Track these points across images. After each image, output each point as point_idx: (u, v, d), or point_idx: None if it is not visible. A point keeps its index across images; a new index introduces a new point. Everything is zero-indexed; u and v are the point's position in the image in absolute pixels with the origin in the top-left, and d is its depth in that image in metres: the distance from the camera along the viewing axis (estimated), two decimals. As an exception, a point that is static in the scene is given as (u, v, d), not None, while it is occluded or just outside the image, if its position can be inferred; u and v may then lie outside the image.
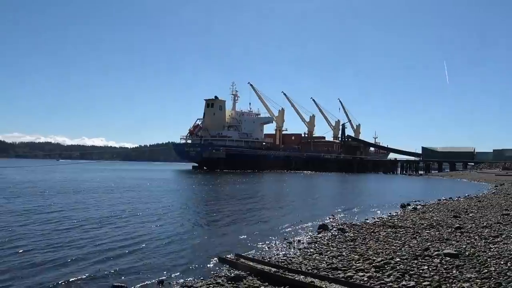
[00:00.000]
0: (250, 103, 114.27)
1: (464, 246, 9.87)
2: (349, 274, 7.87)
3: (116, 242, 11.87)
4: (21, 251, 10.36)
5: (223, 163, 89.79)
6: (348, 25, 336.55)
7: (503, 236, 11.04)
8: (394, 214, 18.61)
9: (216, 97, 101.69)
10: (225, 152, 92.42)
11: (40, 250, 10.55)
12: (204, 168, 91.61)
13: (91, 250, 10.68)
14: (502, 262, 8.09)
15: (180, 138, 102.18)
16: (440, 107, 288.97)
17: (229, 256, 9.89)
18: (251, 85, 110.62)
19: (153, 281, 8.11)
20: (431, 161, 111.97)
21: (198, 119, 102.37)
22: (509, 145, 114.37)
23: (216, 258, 9.81)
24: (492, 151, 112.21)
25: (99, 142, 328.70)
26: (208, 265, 9.38)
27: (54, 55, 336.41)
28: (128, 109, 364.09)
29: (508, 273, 7.29)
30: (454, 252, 8.99)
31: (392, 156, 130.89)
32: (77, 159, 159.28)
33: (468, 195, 29.19)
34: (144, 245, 11.51)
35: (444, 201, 25.08)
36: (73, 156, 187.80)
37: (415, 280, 7.20)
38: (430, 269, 7.86)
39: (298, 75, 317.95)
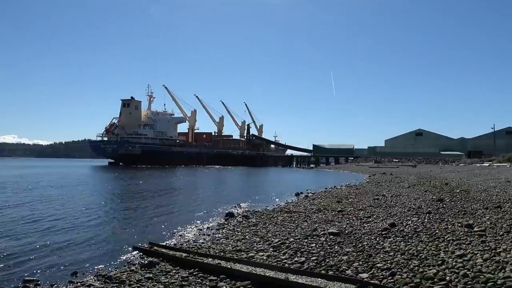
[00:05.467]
0: (165, 104, 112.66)
1: (344, 226, 10.58)
2: (251, 254, 8.03)
3: (27, 235, 10.75)
4: None
5: (139, 159, 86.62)
6: (256, 31, 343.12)
7: (374, 217, 12.05)
8: (290, 201, 19.35)
9: (132, 97, 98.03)
10: (141, 149, 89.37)
11: None
12: (120, 164, 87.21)
13: None
14: (372, 238, 8.86)
15: (97, 136, 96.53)
16: (328, 111, 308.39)
17: (143, 244, 9.53)
18: (165, 87, 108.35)
19: (66, 272, 7.49)
20: (320, 156, 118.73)
21: (114, 117, 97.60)
22: (380, 143, 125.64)
23: (130, 248, 9.36)
24: (367, 147, 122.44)
25: (10, 139, 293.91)
26: (122, 255, 8.90)
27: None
28: (42, 106, 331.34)
29: (377, 246, 8.01)
30: (336, 231, 9.60)
31: (289, 152, 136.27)
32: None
33: (348, 184, 31.21)
34: (57, 238, 10.58)
35: (330, 189, 26.56)
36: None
37: (305, 256, 7.58)
38: (317, 246, 8.32)
39: (209, 79, 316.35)
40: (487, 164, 52.39)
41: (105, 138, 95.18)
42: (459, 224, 9.65)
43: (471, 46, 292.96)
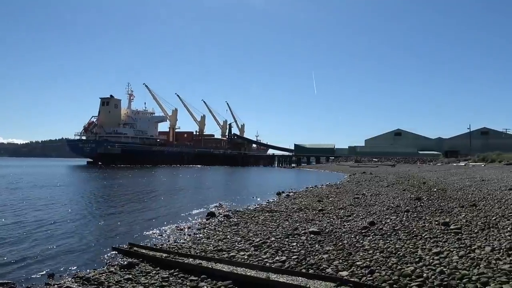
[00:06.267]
0: (145, 103, 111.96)
1: (325, 225, 10.70)
2: (232, 254, 8.02)
3: (3, 236, 10.44)
4: None
5: (119, 158, 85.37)
6: (242, 29, 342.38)
7: (354, 215, 12.22)
8: (271, 200, 19.40)
9: (111, 96, 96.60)
10: (121, 148, 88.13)
11: None
12: (99, 163, 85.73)
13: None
14: (352, 236, 8.98)
15: (75, 135, 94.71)
16: (309, 111, 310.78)
17: (122, 245, 9.40)
18: (146, 86, 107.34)
19: (43, 275, 7.30)
20: (301, 155, 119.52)
21: (93, 116, 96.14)
22: (360, 143, 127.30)
23: (109, 249, 9.21)
24: (347, 147, 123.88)
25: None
26: (102, 256, 8.74)
27: None
28: (17, 103, 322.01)
29: (356, 244, 8.13)
30: (317, 230, 9.70)
31: (270, 151, 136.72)
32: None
33: (329, 183, 31.42)
34: (34, 239, 10.30)
35: (311, 188, 26.75)
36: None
37: (286, 255, 7.62)
38: (298, 245, 8.38)
39: (190, 78, 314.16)
40: (463, 164, 53.77)
41: (84, 137, 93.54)
42: (436, 222, 9.89)
43: (449, 49, 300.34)
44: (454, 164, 58.26)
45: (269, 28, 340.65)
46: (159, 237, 10.90)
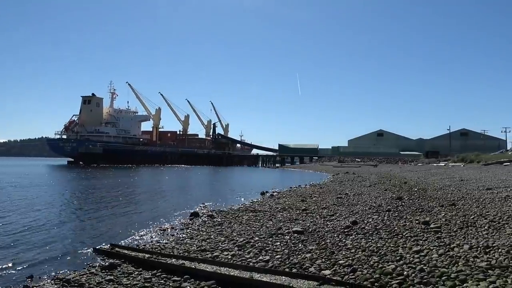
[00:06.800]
0: (128, 102, 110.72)
1: (308, 224, 10.75)
2: (215, 254, 8.00)
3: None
4: None
5: (100, 158, 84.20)
6: (228, 27, 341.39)
7: (337, 215, 12.32)
8: (255, 200, 19.38)
9: (93, 94, 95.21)
10: (102, 148, 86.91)
11: None
12: (80, 163, 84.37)
13: None
14: (335, 235, 9.06)
15: (55, 133, 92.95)
16: (293, 111, 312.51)
17: (104, 246, 9.26)
18: (129, 84, 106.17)
19: (21, 276, 7.13)
20: (285, 156, 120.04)
21: (74, 115, 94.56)
22: (343, 143, 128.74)
23: (90, 249, 9.06)
24: (331, 147, 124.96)
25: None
26: (83, 257, 8.60)
27: None
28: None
29: (339, 243, 8.21)
30: (301, 230, 9.75)
31: (255, 151, 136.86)
32: None
33: (312, 183, 31.60)
34: (12, 239, 10.06)
35: (294, 188, 26.81)
36: None
37: (269, 254, 7.65)
38: (282, 244, 8.41)
39: (174, 77, 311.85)
40: (443, 164, 54.85)
41: (64, 136, 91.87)
42: (416, 221, 10.06)
43: (434, 51, 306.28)
44: (435, 164, 59.38)
45: (253, 26, 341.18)
46: (141, 237, 10.78)
